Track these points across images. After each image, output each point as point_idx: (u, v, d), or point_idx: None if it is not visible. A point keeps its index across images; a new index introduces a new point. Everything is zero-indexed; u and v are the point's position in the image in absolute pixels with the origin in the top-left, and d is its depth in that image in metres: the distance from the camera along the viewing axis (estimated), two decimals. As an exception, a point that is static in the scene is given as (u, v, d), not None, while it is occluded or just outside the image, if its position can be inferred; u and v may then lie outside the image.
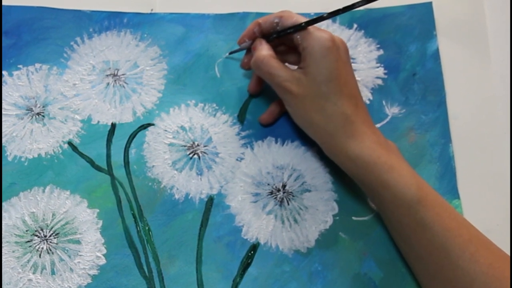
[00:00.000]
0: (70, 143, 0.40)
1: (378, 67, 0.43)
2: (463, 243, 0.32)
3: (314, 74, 0.34)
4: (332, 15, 0.35)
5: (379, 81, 0.43)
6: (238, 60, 0.43)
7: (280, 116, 0.41)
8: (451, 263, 0.32)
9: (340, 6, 0.35)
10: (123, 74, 0.42)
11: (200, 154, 0.40)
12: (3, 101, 0.41)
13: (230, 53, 0.42)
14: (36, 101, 0.41)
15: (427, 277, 0.34)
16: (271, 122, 0.41)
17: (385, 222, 0.37)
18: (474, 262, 0.31)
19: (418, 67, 0.43)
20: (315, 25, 0.36)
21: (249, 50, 0.40)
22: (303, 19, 0.36)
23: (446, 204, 0.34)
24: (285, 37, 0.37)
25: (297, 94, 0.35)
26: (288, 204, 0.39)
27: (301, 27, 0.35)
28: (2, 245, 0.37)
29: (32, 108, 0.41)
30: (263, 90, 0.42)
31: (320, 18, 0.35)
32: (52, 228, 0.38)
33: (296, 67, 0.36)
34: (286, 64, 0.39)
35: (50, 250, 0.37)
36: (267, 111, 0.41)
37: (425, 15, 0.44)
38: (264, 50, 0.37)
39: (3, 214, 0.38)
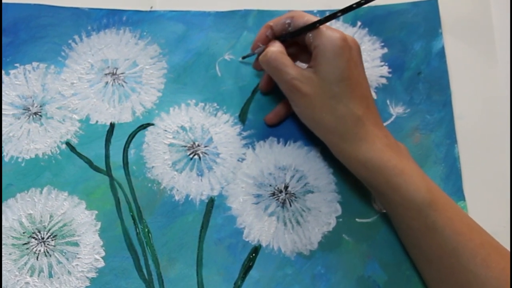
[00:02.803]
0: (68, 143, 0.40)
1: (382, 65, 0.42)
2: (475, 247, 0.31)
3: (325, 73, 0.34)
4: (346, 11, 0.34)
5: (383, 80, 0.42)
6: (239, 60, 0.42)
7: (286, 118, 0.41)
8: (462, 267, 0.31)
9: (342, 4, 0.34)
10: (122, 73, 0.42)
11: (201, 155, 0.40)
12: (-1, 100, 0.41)
13: (243, 57, 0.42)
14: (33, 101, 0.41)
15: (437, 281, 0.34)
16: (276, 123, 0.40)
17: (394, 225, 0.37)
18: (486, 267, 0.31)
19: (423, 65, 0.42)
20: (328, 24, 0.35)
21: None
22: (314, 18, 0.35)
23: (457, 208, 0.34)
24: (298, 38, 0.36)
25: (306, 93, 0.34)
26: (291, 205, 0.38)
27: (314, 27, 0.35)
28: (-1, 247, 0.36)
29: (29, 108, 0.40)
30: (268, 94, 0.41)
31: (333, 15, 0.34)
32: (49, 230, 0.37)
33: (306, 65, 0.36)
34: (297, 63, 0.39)
35: (48, 252, 0.37)
36: (273, 111, 0.40)
37: (430, 12, 0.44)
38: (274, 46, 0.36)
39: None
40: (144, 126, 0.40)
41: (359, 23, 0.44)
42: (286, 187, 0.39)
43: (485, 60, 0.43)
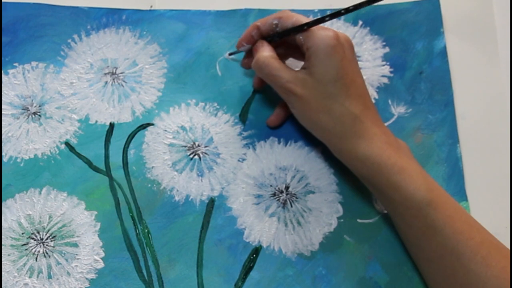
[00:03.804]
0: (67, 144, 0.39)
1: (383, 65, 0.42)
2: (475, 246, 0.31)
3: (320, 74, 0.34)
4: (334, 16, 0.34)
5: (385, 80, 0.42)
6: (241, 57, 0.42)
7: (287, 117, 0.40)
8: (463, 266, 0.31)
9: (344, 2, 0.34)
10: (121, 73, 0.41)
11: (201, 155, 0.39)
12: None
13: (230, 54, 0.42)
14: (32, 100, 0.40)
15: (437, 281, 0.34)
16: (278, 124, 0.40)
17: (394, 224, 0.36)
18: (486, 265, 0.31)
19: (425, 65, 0.42)
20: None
21: (250, 51, 0.39)
22: (304, 19, 0.35)
23: (458, 206, 0.33)
24: (287, 38, 0.36)
25: (301, 95, 0.34)
26: (292, 206, 0.38)
27: (303, 29, 0.34)
28: (-3, 248, 0.36)
29: (28, 108, 0.40)
30: (266, 87, 0.41)
31: (321, 19, 0.34)
32: (48, 230, 0.37)
33: (298, 68, 0.36)
34: (291, 59, 0.38)
35: (47, 253, 0.36)
36: (274, 113, 0.40)
37: (432, 11, 0.43)
38: (265, 51, 0.36)
39: (-2, 216, 0.37)
40: (144, 126, 0.40)
41: (360, 22, 0.43)
42: (287, 188, 0.39)
43: (487, 60, 0.43)
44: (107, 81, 0.41)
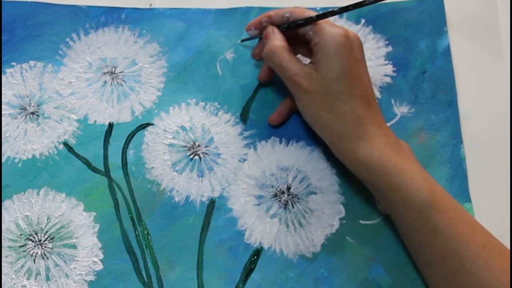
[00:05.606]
0: (65, 144, 0.39)
1: (386, 64, 0.42)
2: (477, 249, 0.31)
3: (325, 71, 0.33)
4: (344, 10, 0.34)
5: (388, 79, 0.42)
6: (241, 56, 0.42)
7: (289, 116, 0.40)
8: (464, 269, 0.31)
9: (346, 0, 0.34)
10: (121, 72, 0.41)
11: (201, 155, 0.39)
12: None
13: (242, 40, 0.42)
14: (30, 100, 0.40)
15: (439, 283, 0.33)
16: (280, 122, 0.40)
17: (396, 226, 0.36)
18: (488, 268, 0.30)
19: (428, 64, 0.42)
20: (329, 19, 0.35)
21: (261, 40, 0.39)
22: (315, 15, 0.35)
23: (460, 208, 0.33)
24: (297, 31, 0.36)
25: (307, 90, 0.34)
26: (293, 207, 0.38)
27: (312, 20, 0.34)
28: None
29: (26, 107, 0.40)
30: (269, 84, 0.41)
31: (331, 12, 0.34)
32: (47, 232, 0.37)
33: (308, 60, 0.36)
34: (299, 55, 0.38)
35: (45, 255, 0.36)
36: (276, 111, 0.40)
37: (436, 10, 0.43)
38: (277, 40, 0.36)
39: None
40: (143, 126, 0.40)
41: (363, 21, 0.43)
42: (288, 188, 0.38)
43: (491, 59, 0.42)
44: (106, 81, 0.41)
